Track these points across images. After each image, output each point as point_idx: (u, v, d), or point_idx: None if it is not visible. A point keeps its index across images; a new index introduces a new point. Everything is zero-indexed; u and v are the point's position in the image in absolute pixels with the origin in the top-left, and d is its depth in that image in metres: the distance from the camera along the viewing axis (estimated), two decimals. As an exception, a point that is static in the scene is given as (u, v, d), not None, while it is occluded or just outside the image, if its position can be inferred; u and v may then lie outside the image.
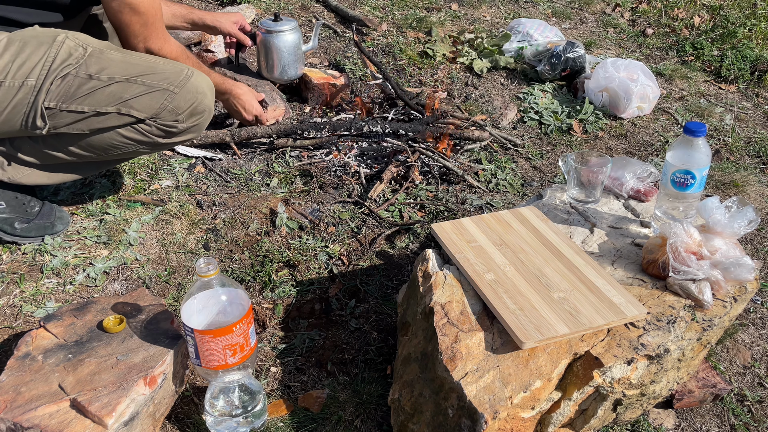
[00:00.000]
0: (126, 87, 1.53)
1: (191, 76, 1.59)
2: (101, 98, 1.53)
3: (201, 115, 1.64)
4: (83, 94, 1.52)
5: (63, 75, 1.50)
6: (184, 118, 1.61)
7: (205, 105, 1.63)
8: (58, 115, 1.54)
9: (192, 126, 1.64)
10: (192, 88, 1.58)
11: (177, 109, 1.58)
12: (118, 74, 1.53)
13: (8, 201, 1.72)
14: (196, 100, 1.60)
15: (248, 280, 1.75)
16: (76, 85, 1.51)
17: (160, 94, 1.55)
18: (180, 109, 1.59)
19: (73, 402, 1.17)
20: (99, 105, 1.54)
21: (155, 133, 1.61)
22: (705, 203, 1.38)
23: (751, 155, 2.57)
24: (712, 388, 1.47)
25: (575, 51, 2.87)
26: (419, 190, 2.13)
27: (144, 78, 1.55)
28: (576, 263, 1.38)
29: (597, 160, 1.61)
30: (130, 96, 1.54)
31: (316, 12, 3.23)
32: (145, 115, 1.57)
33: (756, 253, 2.01)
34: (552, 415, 1.21)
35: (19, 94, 1.50)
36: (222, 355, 1.23)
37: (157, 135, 1.62)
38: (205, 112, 1.65)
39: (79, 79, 1.51)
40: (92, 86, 1.52)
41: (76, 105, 1.53)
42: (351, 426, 1.38)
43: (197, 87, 1.60)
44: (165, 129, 1.61)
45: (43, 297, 1.64)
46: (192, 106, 1.60)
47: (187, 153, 2.20)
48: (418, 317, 1.35)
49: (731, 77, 3.15)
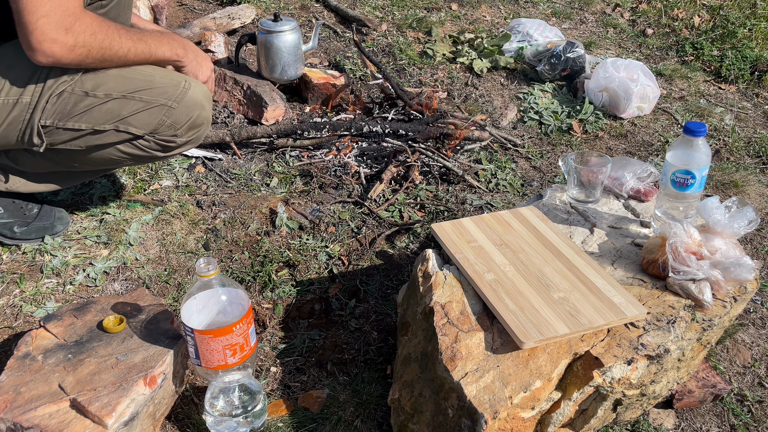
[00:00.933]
0: (123, 104, 1.49)
1: (188, 89, 1.54)
2: (98, 116, 1.49)
3: (199, 128, 1.61)
4: (80, 112, 1.48)
5: (59, 92, 1.45)
6: (183, 132, 1.58)
7: (204, 117, 1.60)
8: (55, 132, 1.50)
9: (190, 139, 1.61)
10: (190, 102, 1.55)
11: (176, 123, 1.55)
12: (115, 90, 1.48)
13: (6, 206, 1.72)
14: (194, 113, 1.56)
15: (248, 280, 1.75)
16: (72, 103, 1.47)
17: (159, 109, 1.52)
18: (179, 123, 1.55)
19: (73, 402, 1.17)
20: (96, 123, 1.49)
21: (153, 148, 1.58)
22: (705, 203, 1.38)
23: (751, 155, 2.57)
24: (712, 388, 1.47)
25: (575, 51, 2.87)
26: (419, 190, 2.13)
27: (141, 93, 1.50)
28: (576, 263, 1.38)
29: (597, 160, 1.61)
30: (128, 113, 1.50)
31: (316, 12, 3.23)
32: (143, 131, 1.53)
33: (756, 253, 2.01)
34: (552, 415, 1.21)
35: (14, 111, 1.45)
36: (222, 355, 1.23)
37: (156, 149, 1.59)
38: (204, 124, 1.61)
39: (75, 96, 1.46)
40: (89, 103, 1.47)
41: (73, 123, 1.49)
42: (351, 426, 1.38)
43: (195, 100, 1.56)
44: (163, 144, 1.58)
45: (43, 297, 1.64)
46: (190, 120, 1.57)
47: (188, 153, 2.20)
48: (418, 317, 1.35)
49: (731, 77, 3.15)
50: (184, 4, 3.13)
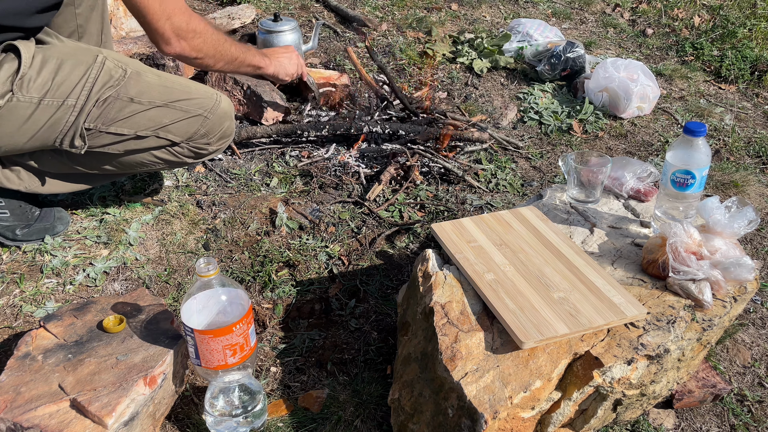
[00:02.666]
0: (165, 112, 1.57)
1: (220, 102, 1.65)
2: (141, 122, 1.55)
3: (228, 138, 1.73)
4: (124, 117, 1.53)
5: (105, 97, 1.50)
6: (214, 141, 1.68)
7: (231, 128, 1.72)
8: (98, 136, 1.54)
9: (219, 147, 1.72)
10: (222, 113, 1.66)
11: (209, 133, 1.66)
12: (158, 99, 1.56)
13: (13, 209, 1.73)
14: (225, 124, 1.68)
15: (248, 280, 1.75)
16: (117, 108, 1.52)
17: (196, 119, 1.61)
18: (212, 133, 1.66)
19: (73, 402, 1.17)
20: (139, 128, 1.56)
21: (186, 154, 1.67)
22: (705, 203, 1.38)
23: (751, 155, 2.57)
24: (712, 388, 1.47)
25: (575, 51, 2.87)
26: (419, 190, 2.13)
27: (182, 103, 1.59)
28: (576, 263, 1.38)
29: (597, 160, 1.61)
30: (169, 121, 1.58)
31: (316, 12, 3.23)
32: (180, 138, 1.62)
33: (756, 253, 2.01)
34: (552, 415, 1.21)
35: (58, 113, 1.48)
36: (222, 355, 1.23)
37: (188, 156, 1.68)
38: (231, 135, 1.74)
39: (120, 101, 1.52)
40: (133, 110, 1.54)
41: (116, 127, 1.54)
42: (351, 426, 1.38)
43: (226, 111, 1.67)
44: (196, 151, 1.68)
45: (43, 297, 1.64)
46: (222, 131, 1.68)
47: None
48: (418, 317, 1.35)
49: (731, 77, 3.15)
50: (184, 4, 3.13)
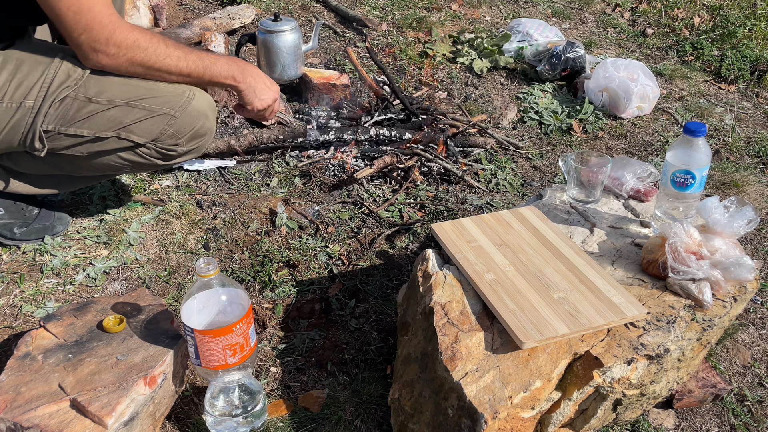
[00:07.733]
0: (126, 111, 1.48)
1: (192, 99, 1.53)
2: (101, 122, 1.48)
3: (202, 138, 1.60)
4: (82, 118, 1.47)
5: (62, 98, 1.44)
6: (185, 142, 1.57)
7: (207, 128, 1.59)
8: (57, 138, 1.49)
9: (192, 149, 1.60)
10: (194, 112, 1.53)
11: (178, 133, 1.54)
12: (118, 97, 1.47)
13: (7, 207, 1.72)
14: (197, 123, 1.55)
15: (248, 280, 1.75)
16: (75, 108, 1.45)
17: (161, 118, 1.50)
18: (181, 133, 1.54)
19: (73, 402, 1.17)
20: (98, 129, 1.49)
21: (154, 156, 1.58)
22: (705, 203, 1.38)
23: (751, 155, 2.57)
24: (712, 388, 1.47)
25: (575, 51, 2.87)
26: (419, 190, 2.13)
27: (144, 102, 1.48)
28: (576, 263, 1.38)
29: (597, 160, 1.61)
30: (131, 121, 1.49)
31: (316, 12, 3.23)
32: (144, 139, 1.53)
33: (756, 253, 2.01)
34: (552, 415, 1.21)
35: (17, 115, 1.45)
36: (222, 355, 1.23)
37: (156, 158, 1.58)
38: (207, 135, 1.60)
39: (78, 102, 1.45)
40: (91, 110, 1.46)
41: (75, 129, 1.48)
42: (351, 426, 1.38)
43: (199, 110, 1.54)
44: (164, 152, 1.57)
45: (43, 297, 1.64)
46: (193, 130, 1.56)
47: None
48: (418, 317, 1.35)
49: (731, 77, 3.14)
50: (184, 4, 3.14)
